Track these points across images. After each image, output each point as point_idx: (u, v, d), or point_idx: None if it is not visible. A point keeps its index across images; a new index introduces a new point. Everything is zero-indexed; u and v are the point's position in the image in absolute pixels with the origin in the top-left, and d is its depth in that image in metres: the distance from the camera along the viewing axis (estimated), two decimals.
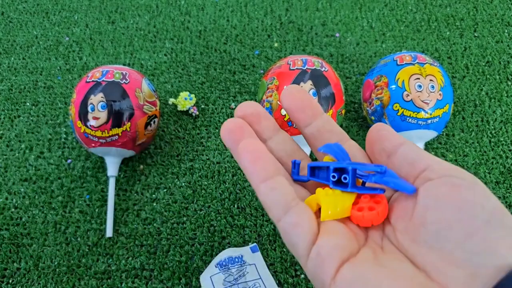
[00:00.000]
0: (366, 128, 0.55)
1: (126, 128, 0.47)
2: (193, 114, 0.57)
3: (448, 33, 0.65)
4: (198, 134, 0.56)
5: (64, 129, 0.56)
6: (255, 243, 0.47)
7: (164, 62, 0.63)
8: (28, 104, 0.59)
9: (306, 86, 0.47)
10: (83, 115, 0.47)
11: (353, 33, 0.65)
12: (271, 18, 0.67)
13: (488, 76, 0.60)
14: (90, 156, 0.54)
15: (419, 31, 0.65)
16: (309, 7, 0.69)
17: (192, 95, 0.57)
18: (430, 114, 0.47)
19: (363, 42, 0.64)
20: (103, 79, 0.47)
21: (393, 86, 0.47)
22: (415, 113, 0.47)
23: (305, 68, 0.48)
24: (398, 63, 0.49)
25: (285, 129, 0.48)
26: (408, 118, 0.47)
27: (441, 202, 0.19)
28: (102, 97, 0.46)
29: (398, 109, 0.47)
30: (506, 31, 0.65)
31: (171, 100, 0.57)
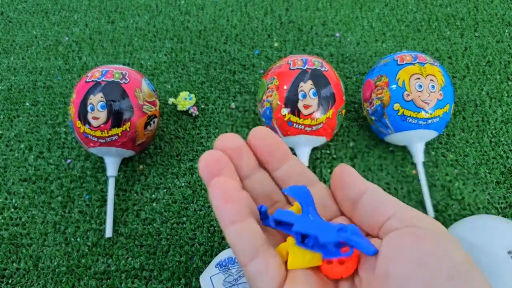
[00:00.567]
0: (366, 128, 0.55)
1: (126, 128, 0.47)
2: (193, 114, 0.57)
3: (448, 32, 0.65)
4: (198, 134, 0.56)
5: (64, 129, 0.56)
6: None
7: (163, 62, 0.63)
8: (27, 104, 0.59)
9: (306, 86, 0.47)
10: (83, 115, 0.46)
11: (353, 33, 0.65)
12: (271, 17, 0.67)
13: (488, 76, 0.60)
14: (89, 156, 0.54)
15: (419, 30, 0.65)
16: (309, 6, 0.68)
17: (192, 95, 0.57)
18: (431, 114, 0.47)
19: (363, 42, 0.64)
20: (103, 79, 0.47)
21: (393, 86, 0.47)
22: (416, 113, 0.47)
23: (305, 68, 0.47)
24: (398, 63, 0.48)
25: (285, 129, 0.47)
26: (408, 118, 0.47)
27: (404, 254, 0.18)
28: (101, 97, 0.46)
29: (399, 109, 0.47)
30: (506, 31, 0.65)
31: (171, 100, 0.57)
